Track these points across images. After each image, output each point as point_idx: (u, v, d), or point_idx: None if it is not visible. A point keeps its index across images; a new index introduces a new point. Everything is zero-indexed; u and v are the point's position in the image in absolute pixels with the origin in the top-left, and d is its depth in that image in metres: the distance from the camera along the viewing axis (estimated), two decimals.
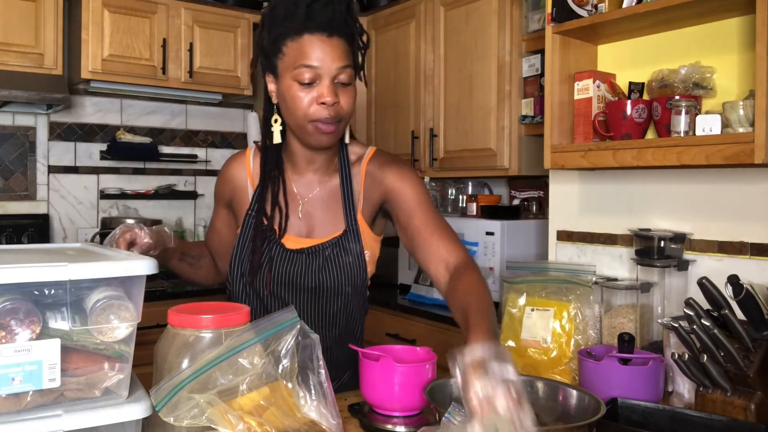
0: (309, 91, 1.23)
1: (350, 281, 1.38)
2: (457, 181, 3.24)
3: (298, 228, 1.38)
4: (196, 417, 0.93)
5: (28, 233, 3.19)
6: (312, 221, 1.39)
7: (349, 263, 1.37)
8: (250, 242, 1.37)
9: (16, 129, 3.25)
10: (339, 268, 1.37)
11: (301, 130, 1.28)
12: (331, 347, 1.41)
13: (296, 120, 1.27)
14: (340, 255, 1.37)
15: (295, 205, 1.39)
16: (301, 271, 1.36)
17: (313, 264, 1.36)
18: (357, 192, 1.39)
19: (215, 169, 3.84)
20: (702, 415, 1.14)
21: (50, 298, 0.92)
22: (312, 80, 1.23)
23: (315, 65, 1.22)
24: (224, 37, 3.43)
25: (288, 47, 1.24)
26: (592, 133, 1.77)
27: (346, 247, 1.37)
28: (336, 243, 1.37)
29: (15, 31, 2.89)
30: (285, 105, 1.28)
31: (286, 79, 1.25)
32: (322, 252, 1.36)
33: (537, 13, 2.68)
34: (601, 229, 1.92)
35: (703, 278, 1.27)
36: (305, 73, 1.22)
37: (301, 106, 1.24)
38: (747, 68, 1.58)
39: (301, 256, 1.36)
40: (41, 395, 0.91)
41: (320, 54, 1.22)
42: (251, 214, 1.38)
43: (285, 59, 1.25)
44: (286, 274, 1.36)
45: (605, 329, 1.59)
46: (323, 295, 1.38)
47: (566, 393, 1.15)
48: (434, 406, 1.06)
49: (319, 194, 1.39)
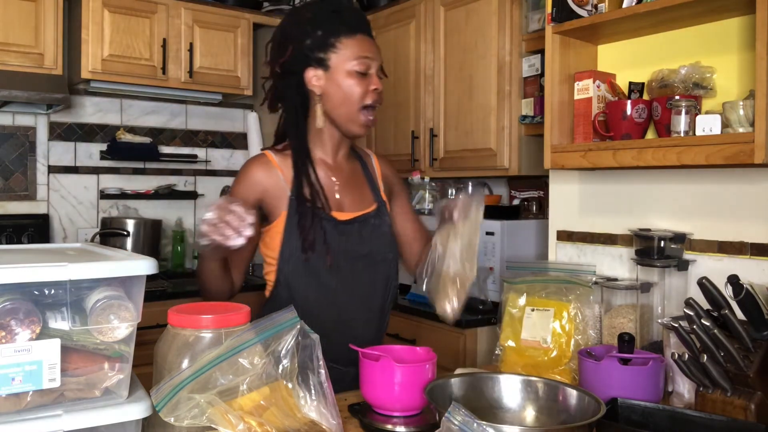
0: (362, 80, 1.47)
1: (391, 248, 1.59)
2: (457, 181, 3.24)
3: (338, 204, 1.53)
4: (196, 417, 0.93)
5: (28, 233, 3.19)
6: (347, 198, 1.55)
7: (388, 232, 1.59)
8: (299, 222, 1.46)
9: (16, 129, 3.25)
10: (382, 235, 1.57)
11: (348, 119, 1.49)
12: (373, 320, 1.57)
13: (348, 107, 1.48)
14: (381, 224, 1.57)
15: (331, 186, 1.54)
16: (356, 239, 1.52)
17: (363, 231, 1.53)
18: (377, 177, 1.64)
19: (215, 169, 3.84)
20: (702, 415, 1.14)
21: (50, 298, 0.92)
22: (366, 71, 1.47)
23: (372, 57, 1.48)
24: (224, 37, 3.43)
25: (344, 43, 1.47)
26: (592, 133, 1.77)
27: (383, 219, 1.58)
28: (375, 214, 1.57)
29: (15, 31, 2.89)
30: (336, 94, 1.48)
31: (342, 71, 1.47)
32: (368, 220, 1.55)
33: (537, 13, 2.68)
34: (601, 229, 1.92)
35: (703, 278, 1.27)
36: (365, 65, 1.47)
37: (356, 92, 1.47)
38: (747, 68, 1.59)
39: (353, 226, 1.52)
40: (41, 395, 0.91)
41: (373, 50, 1.50)
42: (292, 198, 1.48)
43: (340, 54, 1.47)
44: (343, 244, 1.50)
45: (605, 329, 1.59)
46: (373, 262, 1.55)
47: (566, 393, 1.15)
48: (434, 406, 1.06)
49: (348, 176, 1.58)
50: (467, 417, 0.89)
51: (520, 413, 1.17)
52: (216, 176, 3.84)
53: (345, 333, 1.48)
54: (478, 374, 1.25)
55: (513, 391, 1.19)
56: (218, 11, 3.41)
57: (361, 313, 1.54)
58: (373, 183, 1.61)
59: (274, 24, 3.60)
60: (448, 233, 1.38)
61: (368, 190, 1.59)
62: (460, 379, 1.20)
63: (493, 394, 1.19)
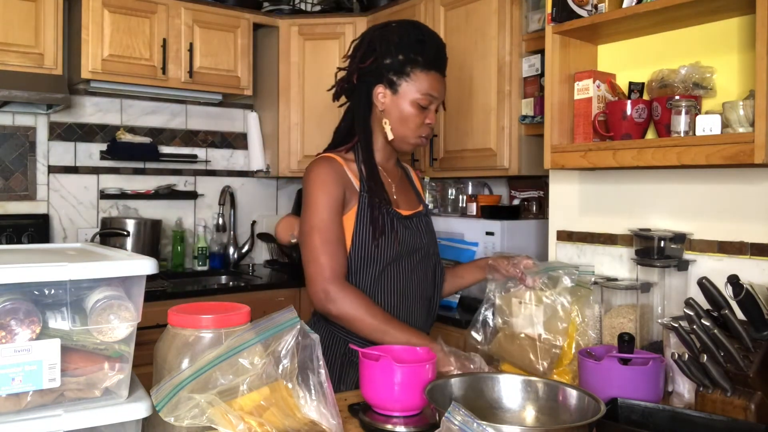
0: (423, 112, 1.60)
1: (436, 244, 1.75)
2: (457, 181, 3.24)
3: (396, 202, 1.67)
4: (196, 417, 0.93)
5: (28, 233, 3.19)
6: (402, 197, 1.71)
7: (433, 230, 1.76)
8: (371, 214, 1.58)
9: (16, 129, 3.25)
10: (431, 232, 1.74)
11: (403, 139, 1.63)
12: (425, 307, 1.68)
13: (405, 131, 1.62)
14: (429, 222, 1.75)
15: (389, 185, 1.69)
16: (417, 233, 1.67)
17: (421, 226, 1.69)
18: (417, 184, 1.83)
19: (215, 169, 3.84)
20: (702, 415, 1.14)
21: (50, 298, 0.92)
22: (427, 105, 1.59)
23: (437, 96, 1.60)
24: (224, 37, 3.42)
25: (417, 75, 1.58)
26: (592, 133, 1.77)
27: (429, 218, 1.76)
28: (424, 214, 1.74)
29: (15, 31, 2.89)
30: (396, 116, 1.61)
31: (406, 98, 1.59)
32: (423, 217, 1.73)
33: (537, 13, 2.68)
34: (601, 229, 1.92)
35: (703, 278, 1.27)
36: (428, 101, 1.59)
37: (415, 122, 1.60)
38: (747, 68, 1.59)
39: (413, 220, 1.68)
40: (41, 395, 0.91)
41: (440, 89, 1.61)
42: (364, 195, 1.59)
43: (411, 84, 1.58)
44: (408, 236, 1.63)
45: (605, 329, 1.59)
46: (426, 255, 1.68)
47: (566, 393, 1.15)
48: (434, 406, 1.06)
49: (399, 179, 1.75)
50: (467, 417, 0.89)
51: (520, 413, 1.17)
52: (216, 176, 3.84)
53: (405, 318, 1.60)
54: (478, 374, 1.25)
55: (513, 391, 1.19)
56: (218, 11, 3.41)
57: (418, 300, 1.65)
58: (416, 188, 1.81)
59: (275, 24, 3.61)
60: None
61: (414, 194, 1.78)
62: (460, 379, 1.20)
63: (493, 394, 1.19)
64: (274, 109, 3.68)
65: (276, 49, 3.63)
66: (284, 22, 3.62)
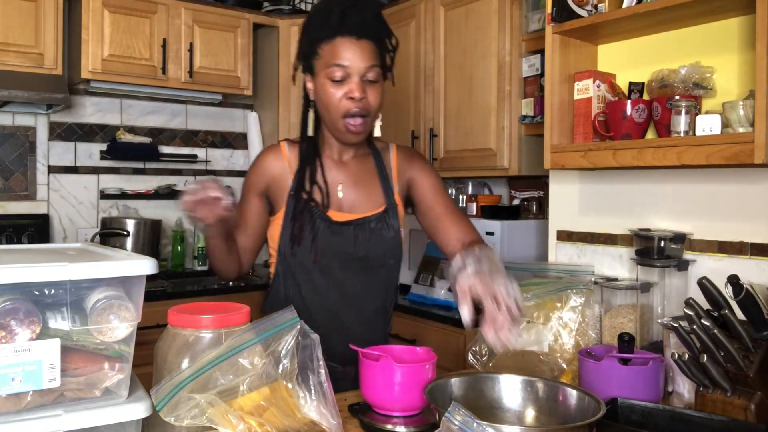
0: (340, 87, 1.39)
1: (392, 254, 1.54)
2: (457, 181, 3.24)
3: (340, 204, 1.50)
4: (196, 417, 0.93)
5: (28, 233, 3.19)
6: (352, 199, 1.52)
7: (391, 237, 1.52)
8: (292, 215, 1.47)
9: (16, 129, 3.25)
10: (383, 240, 1.51)
11: (333, 126, 1.44)
12: (370, 321, 1.54)
13: (330, 115, 1.43)
14: (384, 229, 1.51)
15: (335, 184, 1.51)
16: (350, 242, 1.48)
17: (360, 235, 1.48)
18: (392, 176, 1.56)
19: (215, 169, 3.84)
20: (702, 415, 1.14)
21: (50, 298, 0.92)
22: (343, 78, 1.39)
23: (345, 64, 1.38)
24: (224, 37, 3.42)
25: (323, 49, 1.40)
26: (592, 133, 1.77)
27: (388, 223, 1.52)
28: (380, 218, 1.51)
29: (15, 31, 2.89)
30: (320, 101, 1.43)
31: (321, 77, 1.41)
32: (368, 224, 1.50)
33: (537, 13, 2.68)
34: (601, 229, 1.92)
35: (703, 278, 1.27)
36: (337, 72, 1.38)
37: (333, 101, 1.40)
38: (747, 68, 1.58)
39: (348, 228, 1.48)
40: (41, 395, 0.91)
41: (350, 54, 1.38)
42: (292, 194, 1.48)
43: (320, 60, 1.41)
44: (335, 245, 1.47)
45: (605, 329, 1.59)
46: (369, 266, 1.51)
47: (566, 393, 1.15)
48: (434, 406, 1.06)
49: (357, 175, 1.54)
50: (467, 417, 0.89)
51: (520, 413, 1.17)
52: (216, 176, 3.84)
53: (340, 333, 1.48)
54: (478, 374, 1.25)
55: (513, 391, 1.19)
56: (218, 11, 3.41)
57: (354, 314, 1.52)
58: (387, 182, 1.55)
59: (275, 24, 3.61)
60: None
61: (379, 191, 1.54)
62: (460, 379, 1.20)
63: (493, 394, 1.19)
64: (274, 109, 3.68)
65: (276, 49, 3.63)
66: (284, 22, 3.62)
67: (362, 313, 1.53)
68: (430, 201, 1.55)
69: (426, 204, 1.55)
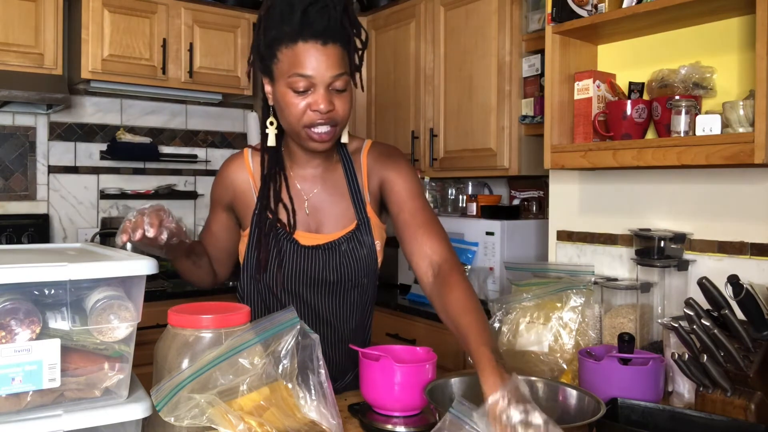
0: (303, 97, 1.22)
1: (366, 272, 1.41)
2: (457, 181, 3.24)
3: (307, 224, 1.38)
4: (196, 417, 0.93)
5: (28, 233, 3.19)
6: (320, 216, 1.39)
7: (365, 255, 1.39)
8: (256, 239, 1.36)
9: (16, 129, 3.25)
10: (356, 260, 1.38)
11: (296, 135, 1.28)
12: (348, 339, 1.44)
13: (291, 125, 1.26)
14: (356, 248, 1.38)
15: (301, 201, 1.38)
16: (320, 266, 1.37)
17: (332, 260, 1.37)
18: (362, 184, 1.40)
19: (215, 169, 3.84)
20: (702, 415, 1.14)
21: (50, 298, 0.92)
22: (306, 88, 1.21)
23: (309, 74, 1.20)
24: (224, 37, 3.42)
25: (283, 53, 1.22)
26: (592, 133, 1.77)
27: (361, 240, 1.38)
28: (351, 237, 1.38)
29: (15, 31, 2.89)
30: (280, 109, 1.27)
31: (281, 84, 1.23)
32: (338, 247, 1.37)
33: (537, 13, 2.68)
34: (601, 229, 1.92)
35: (703, 278, 1.27)
36: (299, 82, 1.21)
37: (295, 113, 1.23)
38: (747, 68, 1.58)
39: (317, 252, 1.37)
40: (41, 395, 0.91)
41: (314, 63, 1.20)
42: (256, 213, 1.37)
43: (280, 65, 1.23)
44: (304, 271, 1.36)
45: (605, 329, 1.59)
46: (341, 289, 1.40)
47: (566, 393, 1.15)
48: (434, 406, 1.06)
49: (324, 189, 1.40)
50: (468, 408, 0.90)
51: None
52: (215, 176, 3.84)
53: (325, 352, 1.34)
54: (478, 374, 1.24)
55: None
56: (218, 11, 3.41)
57: (329, 335, 1.43)
58: (358, 194, 1.40)
59: None
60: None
61: (349, 205, 1.39)
62: (460, 379, 1.20)
63: None
64: None
65: None
66: None
67: (337, 333, 1.44)
68: (397, 207, 1.36)
69: (395, 209, 1.37)
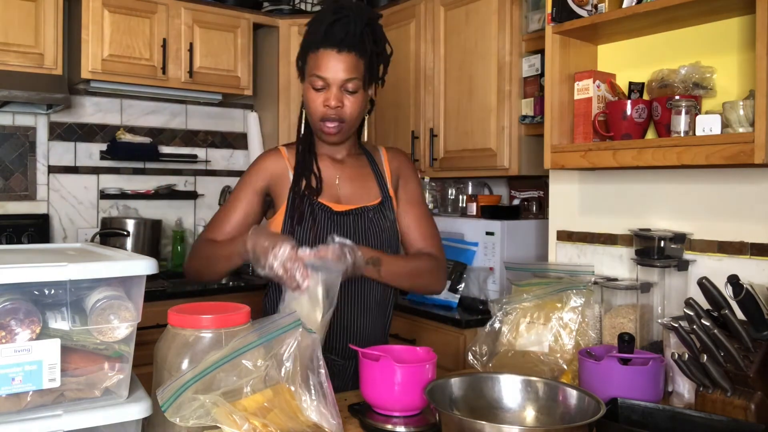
0: (320, 94, 1.49)
1: (389, 244, 1.58)
2: (457, 181, 3.24)
3: (337, 196, 1.56)
4: (201, 417, 0.93)
5: (28, 233, 3.19)
6: (348, 191, 1.58)
7: (388, 228, 1.58)
8: (292, 205, 1.52)
9: (16, 129, 3.25)
10: (381, 231, 1.57)
11: (314, 126, 1.54)
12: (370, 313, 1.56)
13: (311, 117, 1.53)
14: (381, 220, 1.57)
15: (332, 177, 1.57)
16: (349, 231, 1.52)
17: (360, 225, 1.54)
18: (384, 170, 1.64)
19: (215, 169, 3.84)
20: (702, 415, 1.14)
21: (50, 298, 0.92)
22: (322, 87, 1.48)
23: (324, 75, 1.47)
24: (224, 37, 3.42)
25: (309, 58, 1.51)
26: (592, 133, 1.77)
27: (385, 214, 1.58)
28: (377, 209, 1.57)
29: (15, 31, 2.89)
30: (305, 103, 1.54)
31: (306, 83, 1.52)
32: (366, 214, 1.56)
33: (537, 13, 2.68)
34: (601, 229, 1.92)
35: (703, 278, 1.27)
36: (317, 81, 1.48)
37: (313, 107, 1.50)
38: (747, 68, 1.59)
39: (348, 218, 1.54)
40: (41, 395, 0.91)
41: (330, 66, 1.47)
42: (293, 188, 1.53)
43: (307, 67, 1.52)
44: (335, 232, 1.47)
45: (605, 329, 1.59)
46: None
47: (566, 393, 1.15)
48: (434, 406, 1.06)
49: (352, 170, 1.60)
50: None
51: (520, 413, 1.17)
52: (216, 176, 3.84)
53: (340, 325, 1.51)
54: (478, 374, 1.25)
55: (513, 391, 1.19)
56: (218, 11, 3.41)
57: (354, 306, 1.53)
58: (381, 177, 1.62)
59: (275, 24, 3.61)
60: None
61: (374, 184, 1.60)
62: (460, 379, 1.20)
63: (493, 394, 1.19)
64: (274, 109, 3.67)
65: (276, 49, 3.63)
66: (284, 22, 3.62)
67: (362, 304, 1.54)
68: (406, 204, 1.62)
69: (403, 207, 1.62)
